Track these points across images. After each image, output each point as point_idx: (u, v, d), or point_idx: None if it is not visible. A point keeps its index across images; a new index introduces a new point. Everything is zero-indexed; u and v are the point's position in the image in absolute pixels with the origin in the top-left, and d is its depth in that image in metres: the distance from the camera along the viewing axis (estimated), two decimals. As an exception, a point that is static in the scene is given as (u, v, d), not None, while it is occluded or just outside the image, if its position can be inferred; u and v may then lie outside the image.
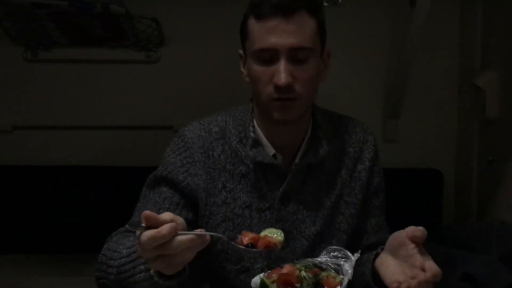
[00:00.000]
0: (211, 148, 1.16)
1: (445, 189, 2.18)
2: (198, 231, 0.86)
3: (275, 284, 0.93)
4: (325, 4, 2.14)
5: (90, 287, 1.15)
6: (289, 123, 1.12)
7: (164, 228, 0.81)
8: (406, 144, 2.23)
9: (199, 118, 1.23)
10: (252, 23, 1.08)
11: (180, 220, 0.86)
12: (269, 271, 0.96)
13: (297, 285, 0.91)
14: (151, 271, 0.90)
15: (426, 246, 1.83)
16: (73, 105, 2.21)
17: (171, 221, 0.83)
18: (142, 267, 0.93)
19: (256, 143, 1.15)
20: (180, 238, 0.83)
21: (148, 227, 0.81)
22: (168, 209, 1.11)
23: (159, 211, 1.08)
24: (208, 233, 0.86)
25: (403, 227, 1.33)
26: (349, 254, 0.97)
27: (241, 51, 1.16)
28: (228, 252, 1.16)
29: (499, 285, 1.50)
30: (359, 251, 0.98)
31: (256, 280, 0.96)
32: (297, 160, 1.17)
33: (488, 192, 1.99)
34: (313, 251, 1.15)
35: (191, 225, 1.08)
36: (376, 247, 1.06)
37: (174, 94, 2.20)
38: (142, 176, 1.20)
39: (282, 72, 1.04)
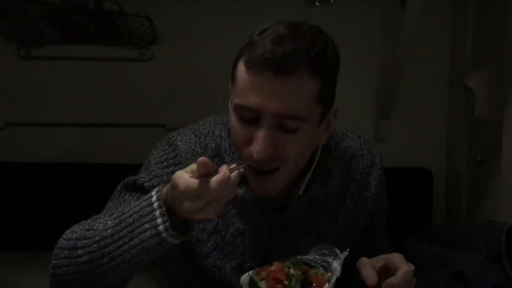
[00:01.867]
0: None
1: (435, 188, 2.19)
2: (225, 167, 0.81)
3: (264, 281, 0.92)
4: (317, 3, 2.14)
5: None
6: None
7: (225, 170, 0.77)
8: (397, 143, 2.24)
9: (193, 120, 1.12)
10: (241, 67, 0.89)
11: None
12: (258, 269, 0.96)
13: (286, 282, 0.90)
14: (160, 227, 0.82)
15: (416, 245, 1.84)
16: (66, 102, 2.21)
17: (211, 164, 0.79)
18: (147, 225, 0.84)
19: None
20: (233, 176, 0.79)
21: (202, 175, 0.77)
22: None
23: None
24: (237, 167, 0.83)
25: (393, 226, 1.35)
26: (338, 251, 0.97)
27: (230, 86, 0.96)
28: (219, 282, 1.07)
29: (488, 283, 1.51)
30: (348, 249, 0.98)
31: (245, 277, 0.95)
32: (300, 192, 1.03)
33: (478, 191, 2.00)
34: None
35: None
36: None
37: (167, 92, 2.20)
38: (134, 174, 1.18)
39: (260, 143, 0.86)
